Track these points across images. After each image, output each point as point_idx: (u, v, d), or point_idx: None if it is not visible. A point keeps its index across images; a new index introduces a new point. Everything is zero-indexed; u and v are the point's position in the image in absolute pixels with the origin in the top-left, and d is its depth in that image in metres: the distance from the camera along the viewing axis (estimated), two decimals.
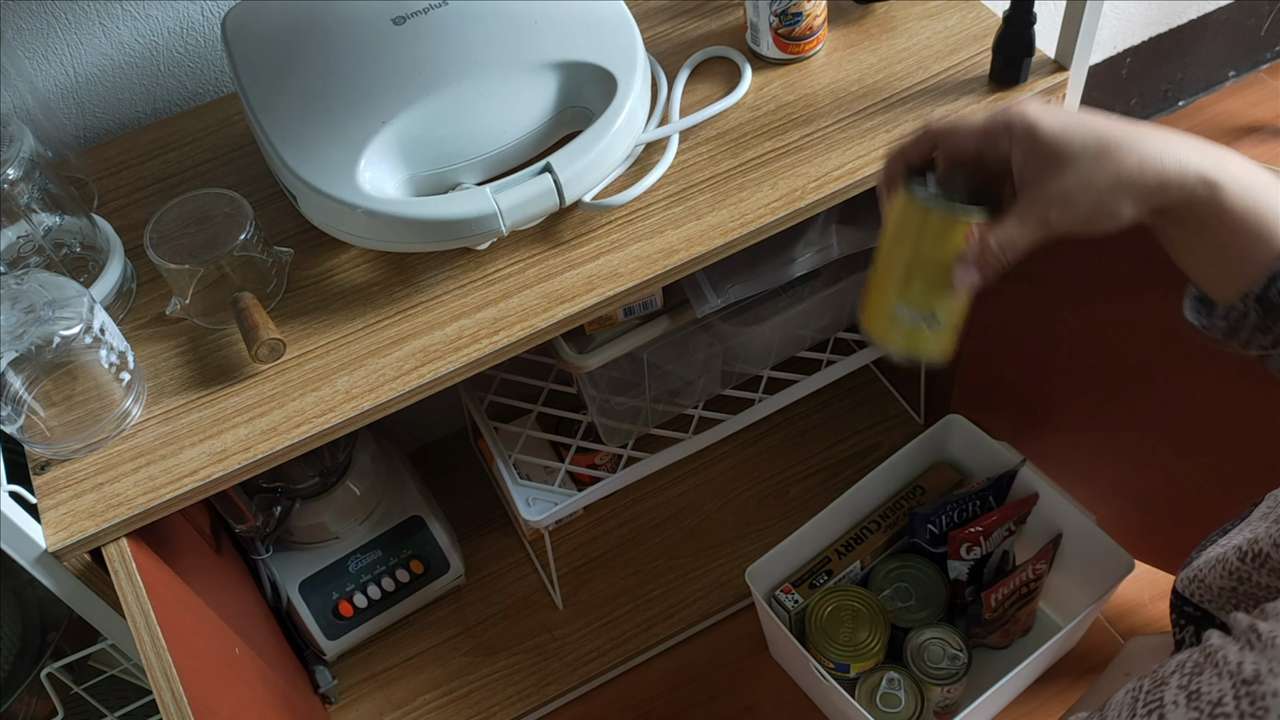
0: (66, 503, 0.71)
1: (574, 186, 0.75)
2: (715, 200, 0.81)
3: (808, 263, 0.97)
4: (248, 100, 0.79)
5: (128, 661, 0.91)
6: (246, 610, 0.97)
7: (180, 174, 0.90)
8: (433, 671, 1.17)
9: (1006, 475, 1.09)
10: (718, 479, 1.29)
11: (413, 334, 0.77)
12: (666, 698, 1.17)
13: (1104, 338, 0.96)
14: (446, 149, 0.76)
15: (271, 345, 0.74)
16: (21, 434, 0.71)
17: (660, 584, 1.21)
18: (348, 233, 0.77)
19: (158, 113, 0.98)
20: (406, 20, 0.80)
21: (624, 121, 0.77)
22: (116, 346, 0.72)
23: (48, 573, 0.70)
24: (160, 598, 0.69)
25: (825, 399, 1.33)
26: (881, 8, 0.92)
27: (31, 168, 0.77)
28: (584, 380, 1.03)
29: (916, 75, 0.87)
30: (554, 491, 1.08)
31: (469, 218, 0.73)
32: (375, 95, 0.77)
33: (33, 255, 0.78)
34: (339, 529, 1.10)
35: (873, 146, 0.82)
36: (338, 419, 0.73)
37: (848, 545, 1.13)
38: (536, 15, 0.81)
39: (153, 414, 0.75)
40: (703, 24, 0.94)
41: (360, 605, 1.10)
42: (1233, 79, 1.71)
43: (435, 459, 1.32)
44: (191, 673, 0.66)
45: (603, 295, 0.77)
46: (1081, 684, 1.13)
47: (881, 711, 1.04)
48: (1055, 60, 0.86)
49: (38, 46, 0.90)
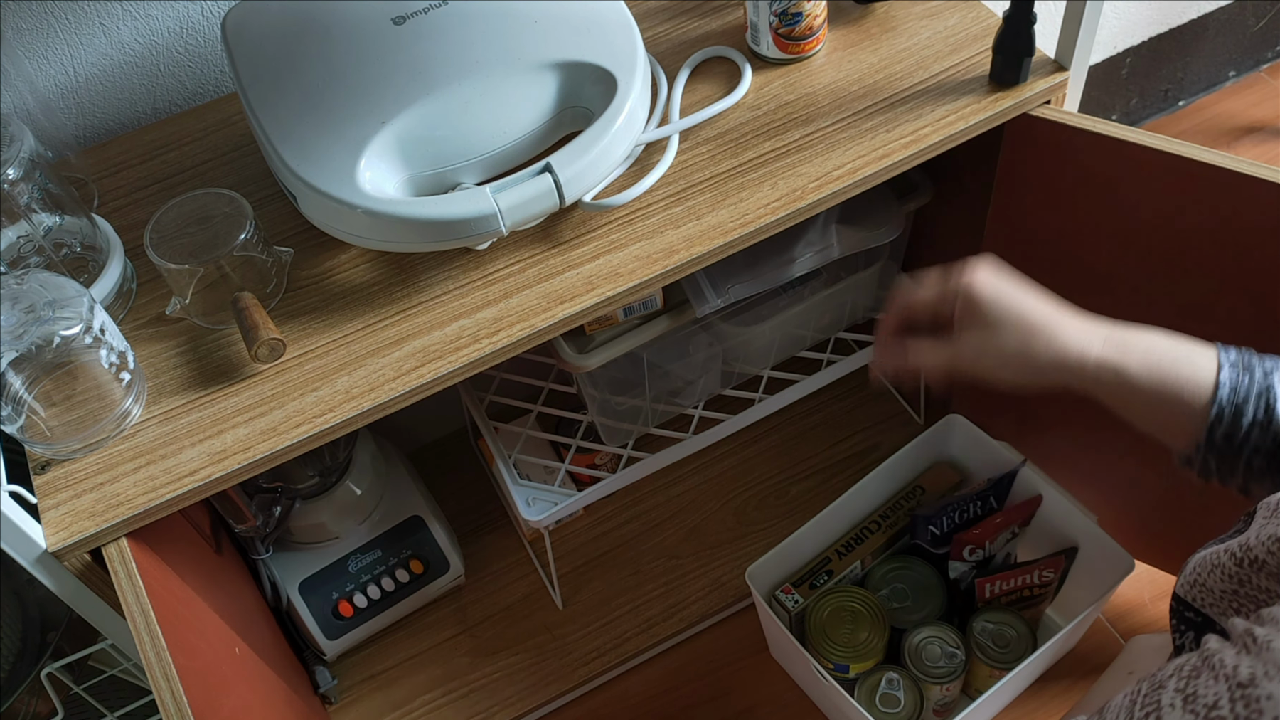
0: (66, 503, 0.71)
1: (574, 186, 0.75)
2: (715, 200, 0.81)
3: (808, 263, 0.97)
4: (248, 100, 0.79)
5: (128, 661, 0.91)
6: (246, 610, 0.97)
7: (180, 174, 0.90)
8: (433, 671, 1.17)
9: (1007, 476, 1.09)
10: (718, 479, 1.29)
11: (413, 334, 0.77)
12: (666, 698, 1.17)
13: None
14: (446, 149, 0.76)
15: (271, 345, 0.74)
16: (21, 434, 0.71)
17: (660, 584, 1.21)
18: (348, 233, 0.77)
19: (158, 113, 0.98)
20: (406, 20, 0.80)
21: (624, 121, 0.77)
22: (116, 346, 0.72)
23: (48, 573, 0.70)
24: (160, 598, 0.69)
25: (825, 399, 1.33)
26: (881, 8, 0.92)
27: (31, 168, 0.77)
28: (584, 380, 1.03)
29: (916, 75, 0.87)
30: (554, 491, 1.08)
31: (469, 218, 0.73)
32: (375, 95, 0.77)
33: (33, 255, 0.78)
34: (339, 529, 1.10)
35: (873, 146, 0.82)
36: (338, 419, 0.73)
37: (848, 545, 1.13)
38: (536, 15, 0.81)
39: (153, 414, 0.75)
40: (703, 24, 0.94)
41: (360, 605, 1.10)
42: (1233, 79, 1.71)
43: (435, 459, 1.32)
44: (191, 673, 0.66)
45: (603, 295, 0.77)
46: (1082, 684, 1.12)
47: (881, 712, 1.04)
48: (1055, 60, 0.86)
49: (38, 46, 0.90)
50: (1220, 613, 0.56)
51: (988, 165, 0.95)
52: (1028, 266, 1.01)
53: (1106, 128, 0.83)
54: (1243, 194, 0.77)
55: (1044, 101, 0.86)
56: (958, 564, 1.08)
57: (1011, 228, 0.97)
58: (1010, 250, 0.99)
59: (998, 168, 0.94)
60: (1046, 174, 0.90)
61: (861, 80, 0.87)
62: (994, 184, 0.95)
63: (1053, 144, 0.87)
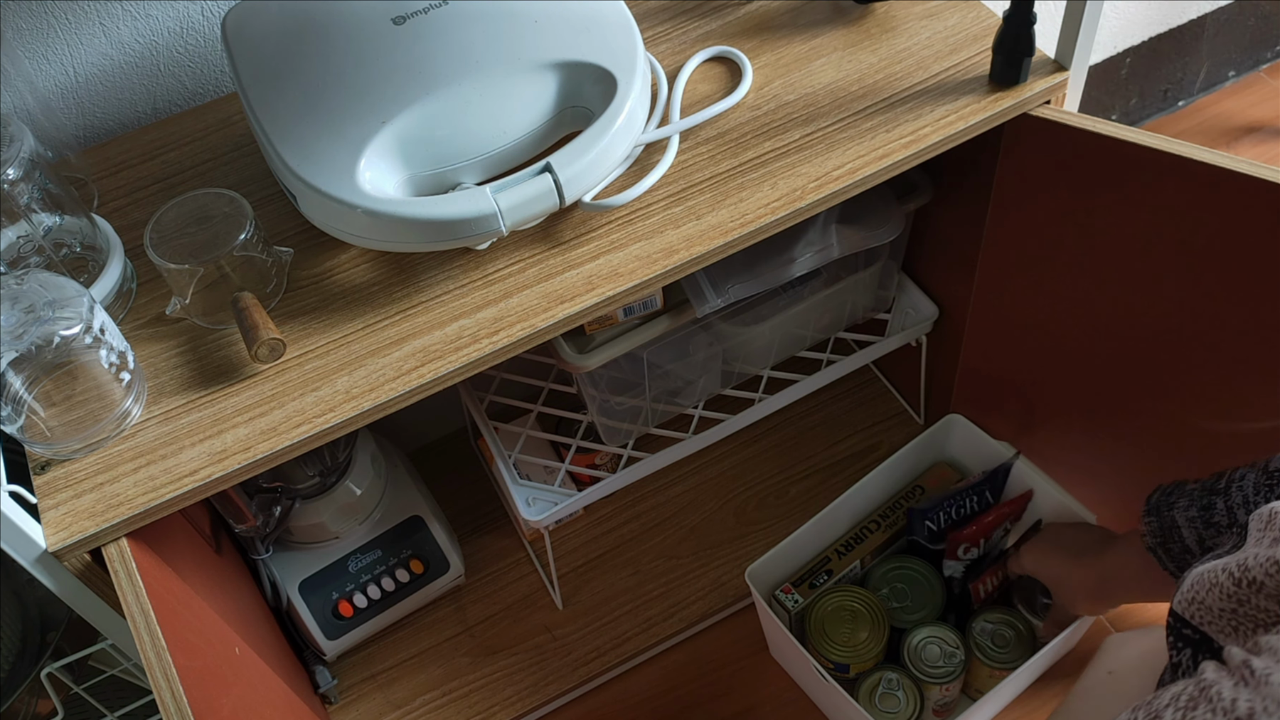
0: (66, 503, 0.71)
1: (574, 186, 0.75)
2: (715, 200, 0.81)
3: (807, 263, 0.97)
4: (248, 100, 0.79)
5: (128, 661, 0.91)
6: (246, 610, 0.97)
7: (180, 174, 0.90)
8: (432, 671, 1.17)
9: (1001, 469, 1.09)
10: (718, 479, 1.29)
11: (413, 334, 0.77)
12: (666, 698, 1.17)
13: (1106, 337, 0.96)
14: (446, 149, 0.76)
15: (271, 345, 0.74)
16: (21, 434, 0.71)
17: (660, 584, 1.21)
18: (348, 233, 0.77)
19: (158, 113, 0.98)
20: (406, 20, 0.80)
21: (624, 121, 0.77)
22: (116, 346, 0.72)
23: (48, 573, 0.70)
24: (160, 598, 0.69)
25: (825, 399, 1.33)
26: (881, 8, 0.92)
27: (31, 168, 0.77)
28: (583, 380, 1.03)
29: (916, 75, 0.87)
30: (554, 491, 1.08)
31: (469, 218, 0.73)
32: (375, 95, 0.77)
33: (33, 255, 0.78)
34: (339, 529, 1.10)
35: (873, 146, 0.82)
36: (338, 419, 0.73)
37: (848, 545, 1.13)
38: (536, 15, 0.81)
39: (153, 414, 0.75)
40: (703, 24, 0.94)
41: (360, 605, 1.10)
42: (1233, 79, 1.71)
43: (435, 459, 1.32)
44: (191, 673, 0.66)
45: (603, 295, 0.77)
46: None
47: (881, 712, 1.04)
48: (1055, 60, 0.86)
49: (38, 46, 0.90)
50: (1219, 630, 0.57)
51: (988, 165, 0.95)
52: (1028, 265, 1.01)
53: (1106, 128, 0.83)
54: (1243, 194, 0.77)
55: (1044, 101, 0.86)
56: (952, 563, 1.08)
57: (1011, 227, 0.97)
58: (1010, 250, 0.99)
59: (998, 168, 0.94)
60: (1046, 174, 0.90)
61: (861, 80, 0.87)
62: (994, 184, 0.95)
63: (1053, 144, 0.87)
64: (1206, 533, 0.75)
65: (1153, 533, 0.80)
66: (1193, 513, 0.76)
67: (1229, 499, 0.74)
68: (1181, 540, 0.78)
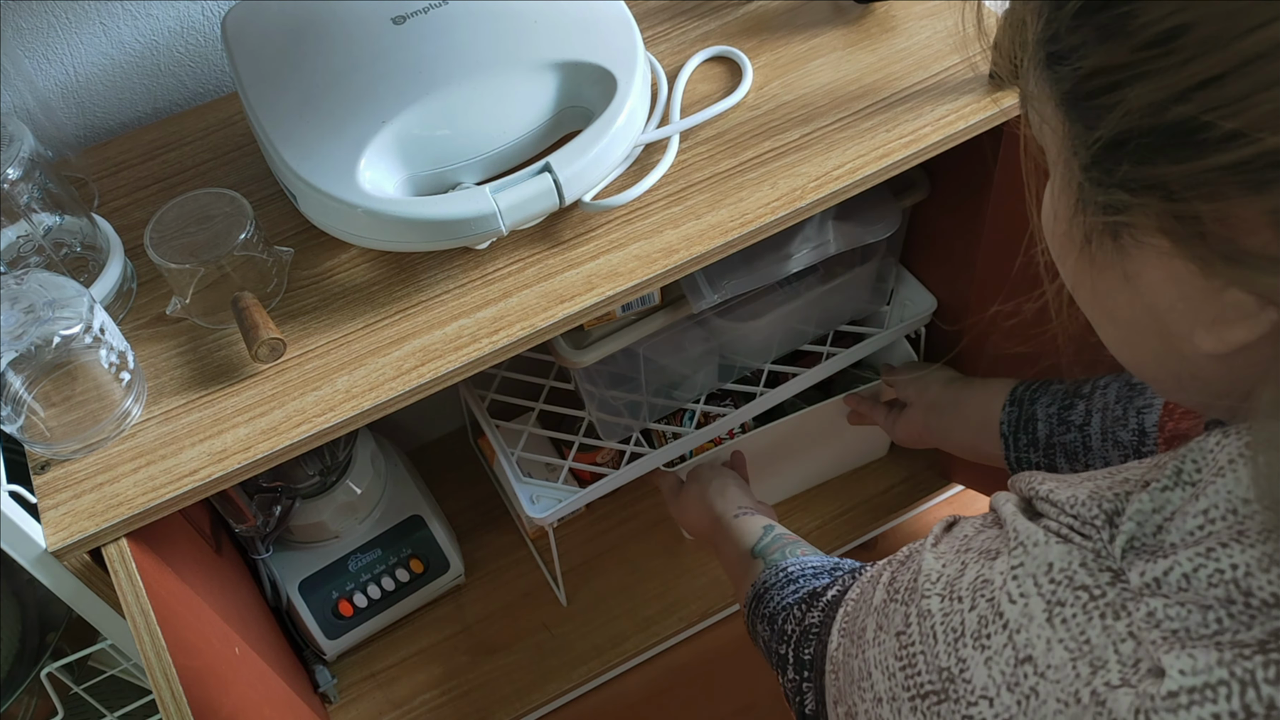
0: (66, 503, 0.71)
1: (574, 186, 0.75)
2: (715, 200, 0.81)
3: (804, 258, 0.97)
4: (248, 100, 0.79)
5: (128, 661, 0.91)
6: (246, 610, 0.97)
7: (180, 174, 0.90)
8: (432, 670, 1.17)
9: None
10: None
11: (413, 333, 0.77)
12: (666, 696, 1.17)
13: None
14: (446, 149, 0.76)
15: (271, 345, 0.74)
16: (21, 434, 0.71)
17: (660, 582, 1.21)
18: (348, 232, 0.77)
19: (158, 112, 0.98)
20: (406, 20, 0.80)
21: (624, 121, 0.77)
22: (116, 346, 0.72)
23: (48, 573, 0.70)
24: (160, 598, 0.69)
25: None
26: (881, 8, 0.92)
27: (31, 168, 0.77)
28: (581, 376, 1.03)
29: (916, 75, 0.87)
30: (557, 489, 1.08)
31: (469, 217, 0.73)
32: (375, 95, 0.77)
33: (33, 255, 0.78)
34: (339, 528, 1.10)
35: (872, 146, 0.82)
36: (338, 418, 0.73)
37: None
38: (536, 15, 0.81)
39: (153, 414, 0.75)
40: (703, 24, 0.94)
41: (360, 605, 1.10)
42: None
43: (435, 458, 1.32)
44: (191, 673, 0.66)
45: (602, 295, 0.77)
46: None
47: None
48: None
49: (38, 46, 0.90)
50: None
51: (987, 163, 0.95)
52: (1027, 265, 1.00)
53: None
54: None
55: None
56: None
57: (1010, 226, 0.97)
58: (1009, 249, 0.99)
59: (997, 166, 0.94)
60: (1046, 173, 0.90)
61: (861, 80, 0.87)
62: (993, 182, 0.95)
63: None
64: (1058, 429, 0.81)
65: (1010, 421, 0.85)
66: (1053, 409, 0.82)
67: (1090, 402, 0.79)
68: (1033, 433, 0.83)
